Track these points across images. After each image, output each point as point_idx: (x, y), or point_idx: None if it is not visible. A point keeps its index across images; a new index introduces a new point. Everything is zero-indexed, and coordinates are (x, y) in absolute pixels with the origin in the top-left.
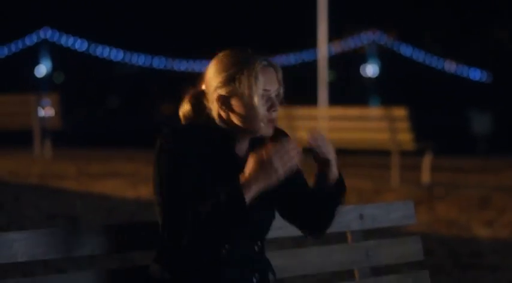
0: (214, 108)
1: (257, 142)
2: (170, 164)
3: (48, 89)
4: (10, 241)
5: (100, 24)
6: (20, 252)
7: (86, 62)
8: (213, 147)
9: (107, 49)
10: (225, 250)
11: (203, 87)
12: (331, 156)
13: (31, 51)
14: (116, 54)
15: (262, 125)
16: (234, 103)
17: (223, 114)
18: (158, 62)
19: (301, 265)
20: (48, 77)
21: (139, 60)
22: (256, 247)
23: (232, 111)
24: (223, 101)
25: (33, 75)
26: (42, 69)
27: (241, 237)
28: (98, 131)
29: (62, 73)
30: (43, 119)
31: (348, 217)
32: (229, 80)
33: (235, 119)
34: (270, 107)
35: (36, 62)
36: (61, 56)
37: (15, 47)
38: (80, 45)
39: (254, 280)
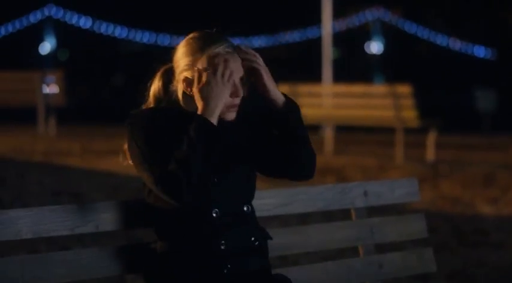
0: (179, 88)
1: (223, 123)
2: (145, 136)
3: (53, 66)
4: (15, 219)
5: (104, 2)
6: (24, 229)
7: (90, 39)
8: (178, 127)
9: (112, 26)
10: (215, 214)
11: (174, 65)
12: (262, 68)
13: (35, 28)
14: (120, 32)
15: (224, 109)
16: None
17: (187, 95)
18: (163, 39)
19: (305, 242)
20: (52, 54)
21: (144, 37)
22: (245, 208)
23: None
24: (188, 84)
25: (38, 52)
26: (46, 47)
27: (228, 201)
28: (102, 108)
29: (66, 50)
30: (47, 96)
31: (352, 194)
32: (194, 64)
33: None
34: (233, 93)
35: (41, 39)
36: (65, 33)
37: (20, 24)
38: (84, 22)
39: (252, 238)
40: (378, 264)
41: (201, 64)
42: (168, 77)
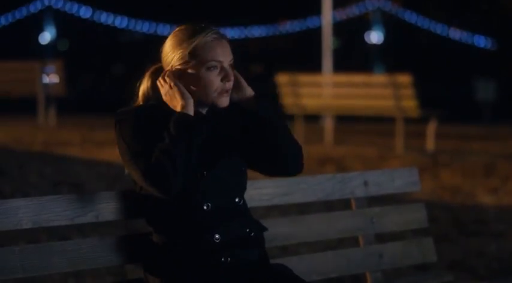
0: None
1: (215, 115)
2: (133, 132)
3: (53, 56)
4: (15, 208)
5: None
6: (24, 219)
7: (90, 29)
8: (166, 124)
9: (111, 16)
10: (206, 206)
11: (162, 61)
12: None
13: (35, 18)
14: (120, 21)
15: (215, 95)
16: (189, 76)
17: None
18: (162, 29)
19: (305, 232)
20: (52, 44)
21: (144, 27)
22: (237, 199)
23: (188, 84)
24: (179, 75)
25: (38, 42)
26: (46, 36)
27: (219, 194)
28: (102, 98)
29: (66, 40)
30: (47, 85)
31: (352, 184)
32: (182, 53)
33: (191, 92)
34: (224, 78)
35: (41, 29)
36: (65, 23)
37: (20, 14)
38: (84, 12)
39: (247, 230)
40: (378, 254)
41: (188, 54)
42: (157, 77)
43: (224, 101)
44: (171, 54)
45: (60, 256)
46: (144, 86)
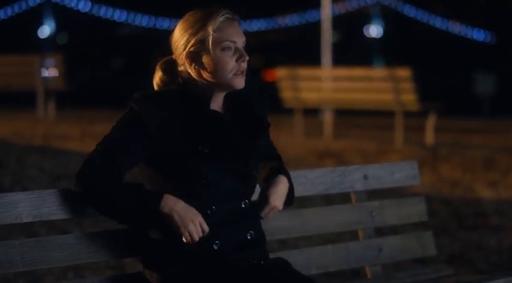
0: (186, 69)
1: (232, 99)
2: (124, 126)
3: (52, 49)
4: (15, 202)
5: None
6: (24, 213)
7: (89, 23)
8: (185, 109)
9: (111, 9)
10: (210, 211)
11: (173, 56)
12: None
13: (34, 12)
14: (119, 15)
15: (231, 76)
16: (203, 58)
17: (194, 72)
18: (162, 23)
19: (305, 226)
20: (51, 38)
21: (143, 20)
22: (243, 204)
23: (203, 66)
24: (193, 58)
25: (37, 36)
26: (45, 30)
27: (224, 199)
28: (101, 91)
29: (65, 34)
30: (47, 79)
31: (352, 178)
32: (195, 35)
33: (206, 75)
34: (239, 58)
35: (40, 23)
36: (64, 17)
37: (19, 7)
38: (83, 5)
39: (248, 236)
40: (378, 248)
41: (202, 35)
42: (167, 68)
43: (240, 82)
44: (183, 37)
45: (60, 250)
46: (156, 79)
